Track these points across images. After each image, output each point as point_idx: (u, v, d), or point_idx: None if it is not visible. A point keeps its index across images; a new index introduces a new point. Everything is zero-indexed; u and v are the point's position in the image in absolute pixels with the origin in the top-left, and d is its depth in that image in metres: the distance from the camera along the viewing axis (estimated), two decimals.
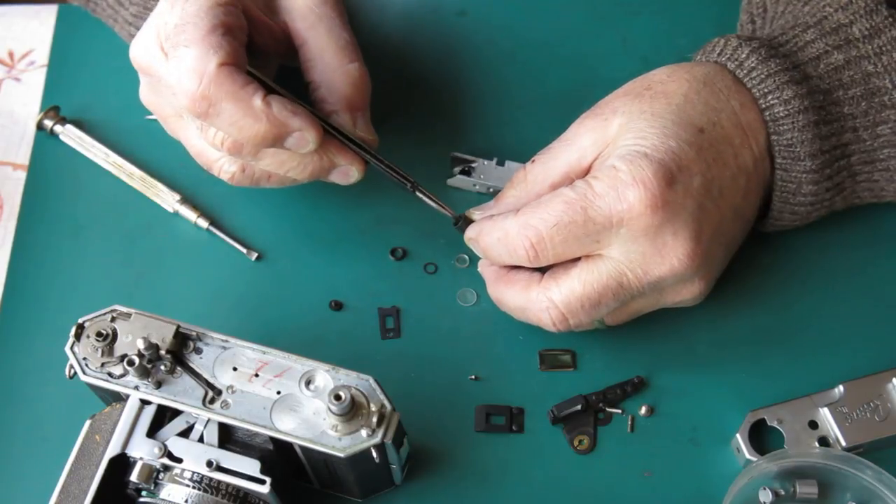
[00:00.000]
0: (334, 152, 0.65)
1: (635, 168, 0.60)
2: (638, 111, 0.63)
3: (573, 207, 0.61)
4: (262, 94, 0.60)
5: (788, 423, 0.66)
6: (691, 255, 0.62)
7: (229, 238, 0.73)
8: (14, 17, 0.83)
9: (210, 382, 0.59)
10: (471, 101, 0.78)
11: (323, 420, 0.57)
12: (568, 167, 0.64)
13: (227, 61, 0.60)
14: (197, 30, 0.60)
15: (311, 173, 0.65)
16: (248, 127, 0.60)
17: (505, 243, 0.63)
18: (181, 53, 0.60)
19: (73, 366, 0.59)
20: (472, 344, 0.70)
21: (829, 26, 0.66)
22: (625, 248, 0.61)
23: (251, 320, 0.70)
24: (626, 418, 0.68)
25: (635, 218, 0.60)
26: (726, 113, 0.64)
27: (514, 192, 0.66)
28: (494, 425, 0.67)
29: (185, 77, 0.59)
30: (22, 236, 0.74)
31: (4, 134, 0.78)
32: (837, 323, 0.70)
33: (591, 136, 0.64)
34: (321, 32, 0.67)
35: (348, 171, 0.66)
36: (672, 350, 0.69)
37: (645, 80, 0.66)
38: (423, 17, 0.81)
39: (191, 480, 0.58)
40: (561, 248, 0.62)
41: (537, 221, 0.62)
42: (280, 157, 0.64)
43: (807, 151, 0.64)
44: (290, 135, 0.61)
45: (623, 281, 0.62)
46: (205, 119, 0.60)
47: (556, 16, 0.81)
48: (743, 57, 0.65)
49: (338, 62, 0.67)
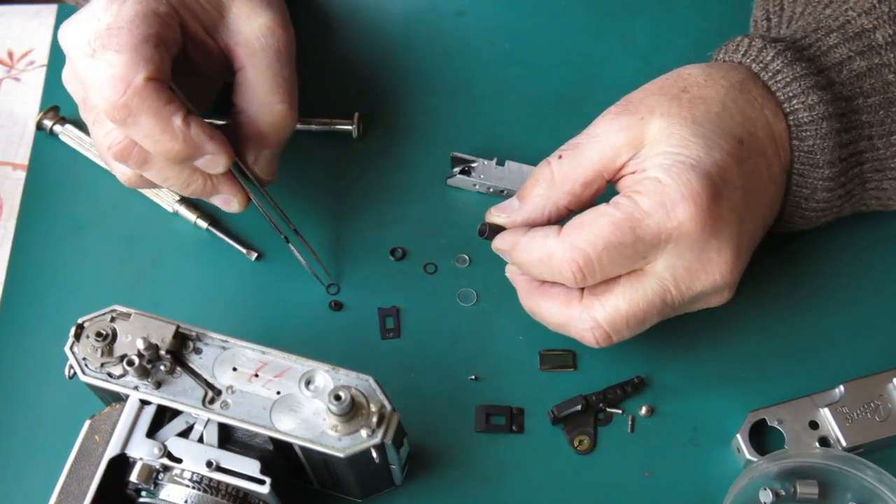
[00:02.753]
0: (221, 180, 0.65)
1: (683, 182, 0.59)
2: (678, 115, 0.61)
3: (621, 228, 0.59)
4: (182, 114, 0.60)
5: (789, 423, 0.66)
6: (733, 269, 0.61)
7: (229, 238, 0.73)
8: (14, 16, 0.83)
9: (210, 383, 0.59)
10: (471, 101, 0.78)
11: (323, 420, 0.57)
12: (600, 165, 0.62)
13: (154, 76, 0.60)
14: (130, 37, 0.60)
15: (193, 193, 0.66)
16: (162, 143, 0.61)
17: (549, 264, 0.61)
18: (109, 58, 0.59)
19: (72, 366, 0.59)
20: (472, 344, 0.70)
21: (852, 31, 0.65)
22: (670, 264, 0.60)
23: (251, 320, 0.70)
24: (626, 418, 0.68)
25: (684, 235, 0.59)
26: (761, 123, 0.63)
27: (540, 190, 0.63)
28: (494, 425, 0.67)
29: (109, 83, 0.59)
30: (22, 236, 0.74)
31: (4, 134, 0.78)
32: (838, 323, 0.70)
33: (625, 134, 0.62)
34: (260, 63, 0.66)
35: (230, 200, 0.67)
36: (672, 350, 0.69)
37: (680, 80, 0.64)
38: (422, 17, 0.81)
39: (190, 481, 0.57)
40: (609, 269, 0.60)
41: (585, 244, 0.59)
42: (164, 173, 0.64)
43: (826, 159, 0.63)
44: (203, 156, 0.62)
45: (667, 297, 0.61)
46: (120, 126, 0.61)
47: (556, 16, 0.81)
48: (768, 59, 0.64)
49: (267, 98, 0.66)
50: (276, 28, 0.66)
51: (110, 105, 0.59)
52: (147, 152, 0.63)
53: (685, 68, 0.65)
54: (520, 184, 0.73)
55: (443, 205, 0.74)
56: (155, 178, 0.65)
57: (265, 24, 0.66)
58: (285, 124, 0.67)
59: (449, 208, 0.74)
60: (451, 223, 0.74)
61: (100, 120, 0.63)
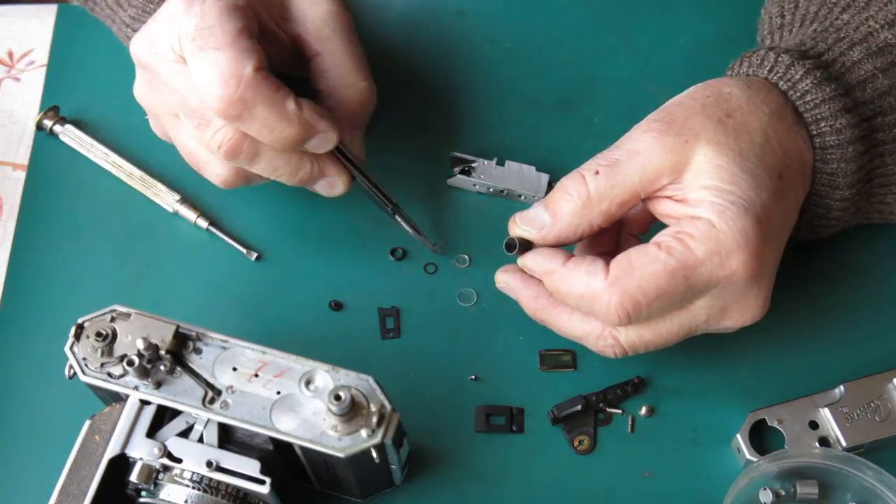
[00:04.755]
0: (326, 163, 0.65)
1: (738, 230, 0.57)
2: (725, 146, 0.59)
3: (675, 277, 0.57)
4: (293, 98, 0.61)
5: (789, 423, 0.66)
6: (764, 309, 0.61)
7: (229, 238, 0.73)
8: (14, 16, 0.83)
9: (210, 382, 0.59)
10: (471, 101, 0.78)
11: (323, 420, 0.57)
12: (640, 187, 0.60)
13: (261, 65, 0.60)
14: (224, 33, 0.60)
15: (300, 180, 0.66)
16: (279, 129, 0.61)
17: (591, 303, 0.59)
18: (212, 57, 0.59)
19: (72, 366, 0.59)
20: (472, 344, 0.70)
21: (875, 45, 0.63)
22: (708, 304, 0.60)
23: (251, 320, 0.70)
24: (626, 418, 0.68)
25: (733, 282, 0.58)
26: (795, 153, 0.62)
27: (573, 207, 0.61)
28: (494, 425, 0.67)
29: (219, 81, 0.59)
30: (22, 236, 0.74)
31: (4, 134, 0.78)
32: (837, 323, 0.70)
33: (668, 157, 0.59)
34: (336, 46, 0.67)
35: (335, 182, 0.66)
36: (672, 350, 0.69)
37: (722, 101, 0.61)
38: (422, 16, 0.81)
39: (190, 481, 0.57)
40: (657, 314, 0.60)
41: (636, 292, 0.58)
42: (274, 163, 0.64)
43: (847, 182, 0.63)
44: (315, 136, 0.62)
45: (694, 330, 0.61)
46: (235, 121, 0.60)
47: (556, 16, 0.81)
48: (797, 78, 0.62)
49: (350, 78, 0.67)
50: (340, 10, 0.67)
51: (225, 102, 0.59)
52: (258, 145, 0.63)
53: (724, 85, 0.62)
54: (520, 184, 0.73)
55: (443, 205, 0.74)
56: (264, 170, 0.64)
57: (330, 9, 0.67)
58: (371, 100, 0.68)
59: (449, 208, 0.74)
60: (451, 223, 0.74)
61: (204, 122, 0.63)
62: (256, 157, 0.63)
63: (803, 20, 0.69)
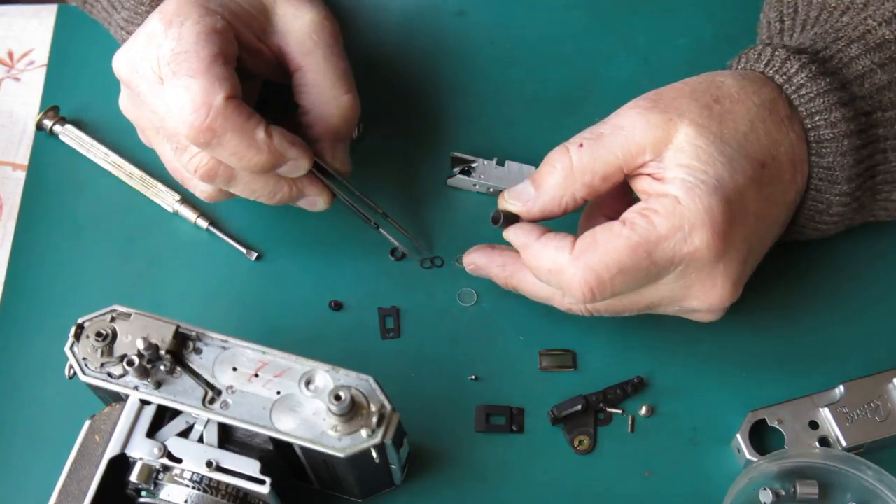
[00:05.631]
0: (305, 182, 0.66)
1: (704, 207, 0.58)
2: (707, 129, 0.60)
3: (637, 252, 0.58)
4: (263, 126, 0.61)
5: (789, 423, 0.66)
6: (730, 295, 0.61)
7: (229, 238, 0.73)
8: (14, 17, 0.83)
9: (210, 383, 0.59)
10: (471, 101, 0.78)
11: (323, 420, 0.57)
12: (622, 161, 0.60)
13: (232, 93, 0.60)
14: (199, 60, 0.60)
15: (279, 201, 0.66)
16: (248, 157, 0.61)
17: (558, 278, 0.60)
18: (185, 83, 0.60)
19: (72, 366, 0.59)
20: (472, 344, 0.70)
21: (873, 42, 0.64)
22: (674, 281, 0.60)
23: (251, 320, 0.70)
24: (626, 418, 0.68)
25: (696, 259, 0.59)
26: (785, 146, 0.62)
27: (557, 179, 0.61)
28: (494, 425, 0.67)
29: (190, 108, 0.59)
30: (21, 236, 0.74)
31: (4, 134, 0.78)
32: (838, 323, 0.70)
33: (652, 133, 0.60)
34: (318, 60, 0.66)
35: (315, 201, 0.67)
36: (672, 350, 0.69)
37: (713, 88, 0.62)
38: (422, 16, 0.81)
39: (190, 481, 0.57)
40: (620, 290, 0.60)
41: (599, 266, 0.58)
42: (251, 186, 0.64)
43: (845, 176, 0.63)
44: (285, 163, 0.62)
45: (656, 303, 0.62)
46: (205, 148, 0.61)
47: (556, 16, 0.81)
48: (792, 72, 0.63)
49: (332, 92, 0.66)
50: (323, 22, 0.66)
51: (195, 130, 0.59)
52: (233, 169, 0.63)
53: (719, 75, 0.63)
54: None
55: (443, 205, 0.74)
56: (242, 192, 0.65)
57: (313, 21, 0.66)
58: (354, 114, 0.67)
59: (449, 208, 0.74)
60: (452, 223, 0.74)
61: (181, 146, 0.63)
62: (232, 180, 0.64)
63: (804, 25, 0.69)
